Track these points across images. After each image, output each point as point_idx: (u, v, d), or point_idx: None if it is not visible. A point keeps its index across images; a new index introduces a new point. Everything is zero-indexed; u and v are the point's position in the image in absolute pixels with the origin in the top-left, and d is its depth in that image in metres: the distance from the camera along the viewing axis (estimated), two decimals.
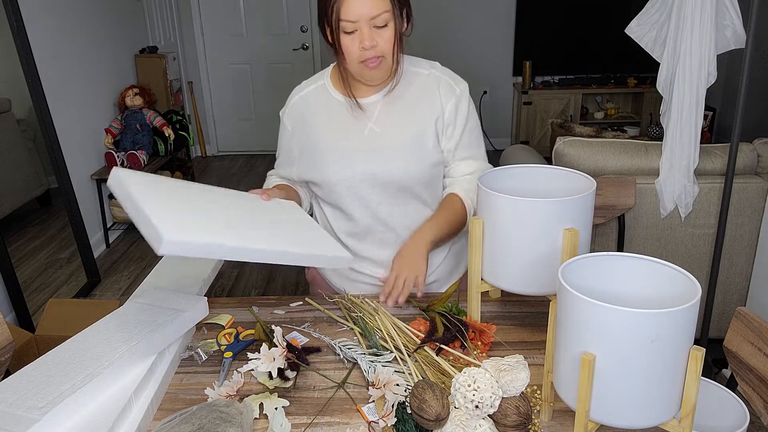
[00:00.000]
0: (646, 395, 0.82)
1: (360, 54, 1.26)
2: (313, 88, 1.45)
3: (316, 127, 1.42)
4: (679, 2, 2.10)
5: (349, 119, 1.40)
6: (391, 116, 1.39)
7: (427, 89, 1.40)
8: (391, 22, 1.26)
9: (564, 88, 5.27)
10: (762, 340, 1.18)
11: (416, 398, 0.94)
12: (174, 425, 0.95)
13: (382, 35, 1.26)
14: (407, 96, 1.39)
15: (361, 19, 1.23)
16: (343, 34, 1.26)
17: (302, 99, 1.45)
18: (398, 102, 1.39)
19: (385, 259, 1.46)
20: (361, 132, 1.39)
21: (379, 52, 1.27)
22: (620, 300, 0.90)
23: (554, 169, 1.22)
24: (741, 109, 2.11)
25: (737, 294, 2.47)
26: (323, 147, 1.41)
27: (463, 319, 1.22)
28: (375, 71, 1.30)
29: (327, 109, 1.42)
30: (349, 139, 1.39)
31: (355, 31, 1.24)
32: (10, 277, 2.69)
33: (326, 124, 1.41)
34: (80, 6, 3.67)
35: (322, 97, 1.43)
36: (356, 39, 1.25)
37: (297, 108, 1.46)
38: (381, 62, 1.29)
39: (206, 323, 1.34)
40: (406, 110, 1.39)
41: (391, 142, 1.38)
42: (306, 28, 5.38)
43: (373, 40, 1.25)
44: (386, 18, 1.24)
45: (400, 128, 1.38)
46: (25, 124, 3.78)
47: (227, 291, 3.27)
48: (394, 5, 1.25)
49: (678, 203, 2.31)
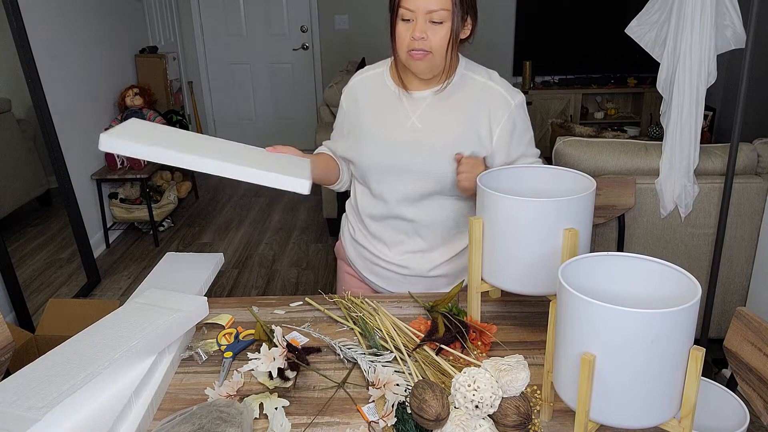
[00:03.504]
0: (646, 395, 0.82)
1: (409, 43, 1.29)
2: (373, 73, 1.50)
3: (364, 111, 1.47)
4: (679, 2, 2.10)
5: (396, 109, 1.43)
6: (434, 115, 1.41)
7: (478, 98, 1.40)
8: (448, 22, 1.28)
9: (564, 88, 5.27)
10: (762, 340, 1.18)
11: (416, 398, 0.94)
12: (174, 425, 0.95)
13: (437, 31, 1.28)
14: (457, 99, 1.40)
15: (419, 11, 1.26)
16: (399, 21, 1.30)
17: (361, 81, 1.50)
18: (446, 102, 1.41)
19: (397, 246, 1.51)
20: (403, 124, 1.42)
21: (428, 46, 1.29)
22: (620, 300, 0.90)
23: (554, 169, 1.22)
24: (741, 109, 2.11)
25: (737, 294, 2.47)
26: (365, 131, 1.46)
27: (464, 320, 1.22)
28: (419, 63, 1.32)
29: (378, 96, 1.46)
30: (389, 129, 1.43)
31: (411, 20, 1.28)
32: (10, 277, 2.69)
33: (374, 110, 1.46)
34: (80, 6, 3.67)
35: (378, 83, 1.48)
36: (410, 28, 1.29)
37: (355, 88, 1.51)
38: (427, 57, 1.30)
39: (206, 323, 1.34)
40: (451, 112, 1.40)
41: (427, 139, 1.40)
42: (306, 28, 5.38)
43: (424, 33, 1.28)
44: (443, 16, 1.27)
45: (440, 128, 1.40)
46: (25, 124, 3.78)
47: (227, 291, 3.27)
48: (456, 6, 1.27)
49: (678, 203, 2.31)
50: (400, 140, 1.42)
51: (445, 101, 1.41)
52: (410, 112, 1.42)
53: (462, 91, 1.41)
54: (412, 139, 1.41)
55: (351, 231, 1.61)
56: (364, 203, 1.54)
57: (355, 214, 1.59)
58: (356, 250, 1.60)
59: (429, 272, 1.50)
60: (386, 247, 1.53)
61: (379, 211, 1.49)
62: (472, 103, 1.40)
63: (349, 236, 1.62)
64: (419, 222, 1.46)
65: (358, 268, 1.61)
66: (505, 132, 1.40)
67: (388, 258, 1.52)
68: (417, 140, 1.41)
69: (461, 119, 1.40)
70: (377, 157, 1.44)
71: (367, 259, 1.57)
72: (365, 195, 1.53)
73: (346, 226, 1.65)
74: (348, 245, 1.64)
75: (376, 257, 1.54)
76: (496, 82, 1.42)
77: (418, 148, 1.40)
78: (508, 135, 1.40)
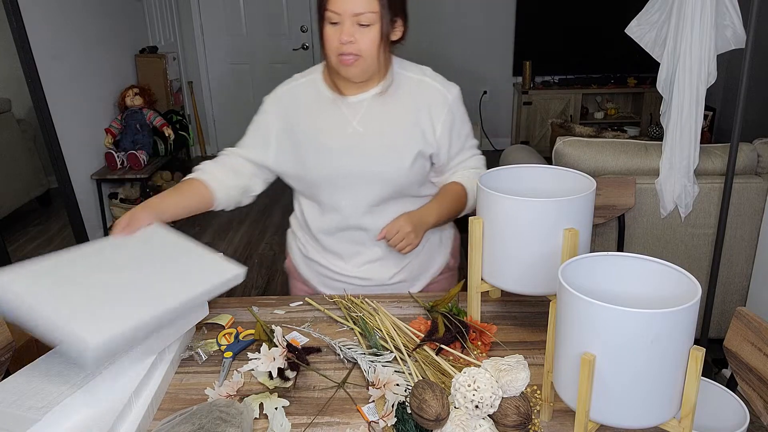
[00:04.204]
0: (646, 395, 0.82)
1: (338, 47, 1.26)
2: (304, 81, 1.44)
3: (300, 122, 1.41)
4: (679, 2, 2.10)
5: (334, 116, 1.39)
6: (375, 117, 1.38)
7: (416, 95, 1.38)
8: (377, 24, 1.25)
9: (564, 88, 5.26)
10: (762, 340, 1.18)
11: (416, 398, 0.94)
12: (174, 425, 0.95)
13: (365, 34, 1.25)
14: (395, 99, 1.38)
15: (345, 13, 1.23)
16: (327, 24, 1.27)
17: (290, 90, 1.44)
18: (385, 103, 1.38)
19: (354, 258, 1.46)
20: (344, 130, 1.38)
21: (357, 50, 1.26)
22: (620, 300, 0.90)
23: (554, 169, 1.22)
24: (741, 109, 2.11)
25: (737, 294, 2.47)
26: (305, 143, 1.39)
27: (464, 320, 1.22)
28: (350, 69, 1.29)
29: (313, 104, 1.41)
30: (331, 137, 1.38)
31: (339, 23, 1.25)
32: None
33: (311, 120, 1.40)
34: (80, 6, 3.67)
35: (311, 90, 1.42)
36: (338, 31, 1.26)
37: (284, 98, 1.44)
38: (358, 61, 1.28)
39: (206, 323, 1.34)
40: (391, 113, 1.38)
41: (372, 142, 1.37)
42: (306, 28, 5.38)
43: (352, 36, 1.25)
44: (371, 18, 1.24)
45: (383, 130, 1.37)
46: (25, 124, 3.78)
47: (227, 291, 3.26)
48: (384, 8, 1.24)
49: (678, 203, 2.31)
50: (345, 147, 1.37)
51: (383, 102, 1.38)
52: (350, 117, 1.38)
53: (399, 91, 1.38)
54: (356, 144, 1.37)
55: (301, 248, 1.55)
56: (313, 218, 1.48)
57: (304, 230, 1.53)
58: (310, 266, 1.54)
59: (390, 280, 1.48)
60: (342, 260, 1.48)
61: (334, 224, 1.44)
62: (410, 100, 1.38)
63: (300, 253, 1.56)
64: (377, 230, 1.40)
65: (314, 285, 1.55)
66: (446, 127, 1.39)
67: (345, 272, 1.48)
68: (362, 145, 1.37)
69: (403, 118, 1.37)
70: (325, 169, 1.38)
71: (324, 275, 1.51)
72: (313, 210, 1.47)
73: (295, 242, 1.58)
74: (300, 262, 1.57)
75: (333, 272, 1.49)
76: (432, 78, 1.40)
77: (365, 153, 1.37)
78: (449, 129, 1.40)
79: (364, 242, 1.45)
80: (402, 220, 1.36)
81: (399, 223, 1.35)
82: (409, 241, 1.35)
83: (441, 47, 5.25)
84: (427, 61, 1.45)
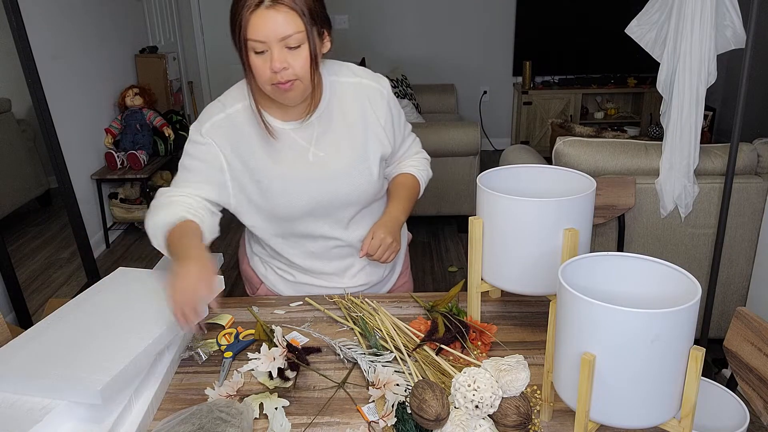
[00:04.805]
0: (646, 395, 0.82)
1: (271, 77, 1.16)
2: (241, 107, 1.29)
3: (253, 154, 1.29)
4: (679, 2, 2.10)
5: (288, 145, 1.30)
6: (330, 137, 1.32)
7: (356, 99, 1.34)
8: (306, 43, 1.15)
9: (564, 88, 5.27)
10: (762, 340, 1.18)
11: (416, 398, 0.94)
12: (174, 425, 0.95)
13: (297, 57, 1.16)
14: (340, 110, 1.33)
15: (270, 39, 1.13)
16: (253, 54, 1.16)
17: (229, 118, 1.29)
18: (333, 120, 1.32)
19: (349, 269, 1.46)
20: (305, 158, 1.30)
21: (292, 75, 1.16)
22: (620, 300, 0.90)
23: (554, 169, 1.22)
24: (741, 109, 2.11)
25: (737, 294, 2.47)
26: (266, 180, 1.29)
27: (464, 320, 1.22)
28: (289, 94, 1.20)
29: (261, 135, 1.29)
30: (293, 168, 1.29)
31: (266, 51, 1.15)
32: (10, 277, 2.68)
33: (265, 154, 1.29)
34: (80, 6, 3.67)
35: (253, 119, 1.29)
36: (267, 59, 1.15)
37: (222, 126, 1.28)
38: (295, 84, 1.18)
39: (206, 323, 1.34)
40: (342, 127, 1.33)
41: (337, 164, 1.32)
42: None
43: (285, 62, 1.15)
44: (299, 39, 1.14)
45: (342, 148, 1.32)
46: (25, 124, 3.78)
47: (227, 291, 3.27)
48: (309, 26, 1.15)
49: (678, 203, 2.31)
50: (312, 176, 1.30)
51: (332, 119, 1.32)
52: (306, 143, 1.30)
53: (342, 101, 1.32)
54: (321, 170, 1.30)
55: (278, 273, 1.47)
56: (286, 249, 1.41)
57: (277, 259, 1.45)
58: (298, 289, 1.47)
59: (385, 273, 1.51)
60: (337, 276, 1.45)
61: (316, 247, 1.40)
62: (356, 107, 1.33)
63: (279, 278, 1.48)
64: (357, 240, 1.40)
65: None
66: (389, 122, 1.38)
67: (344, 285, 1.45)
68: (327, 169, 1.31)
69: (356, 129, 1.33)
70: (297, 202, 1.30)
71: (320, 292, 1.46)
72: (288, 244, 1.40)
73: (267, 270, 1.49)
74: (281, 287, 1.49)
75: (331, 289, 1.45)
76: (363, 76, 1.35)
77: (334, 177, 1.31)
78: (392, 124, 1.39)
79: (351, 253, 1.44)
80: (380, 231, 1.34)
81: (378, 236, 1.33)
82: (392, 249, 1.35)
83: (441, 47, 5.25)
84: (428, 61, 1.45)
